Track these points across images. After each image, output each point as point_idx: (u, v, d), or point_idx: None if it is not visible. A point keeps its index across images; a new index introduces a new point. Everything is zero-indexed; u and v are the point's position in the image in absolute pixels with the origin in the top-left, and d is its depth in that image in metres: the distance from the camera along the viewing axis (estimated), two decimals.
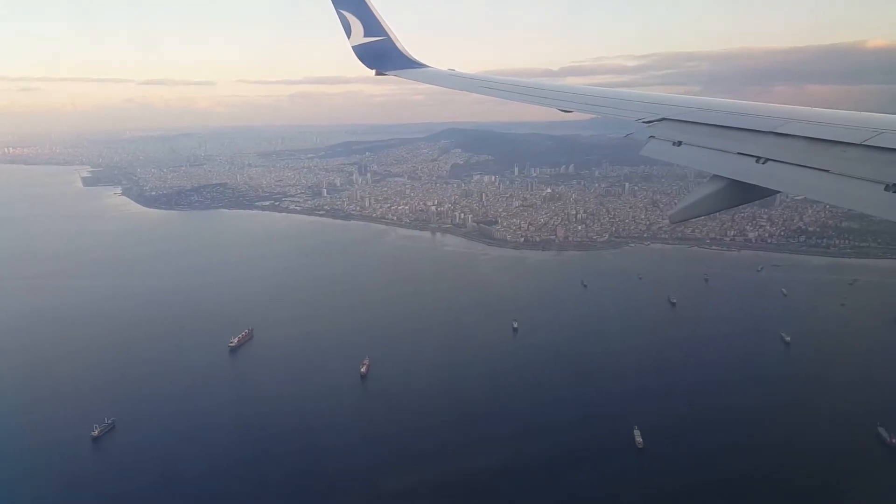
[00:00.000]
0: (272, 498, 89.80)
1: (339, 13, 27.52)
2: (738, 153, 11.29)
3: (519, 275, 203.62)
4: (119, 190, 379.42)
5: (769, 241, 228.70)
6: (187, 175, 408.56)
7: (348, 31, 27.66)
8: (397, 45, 27.70)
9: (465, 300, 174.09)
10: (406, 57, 27.75)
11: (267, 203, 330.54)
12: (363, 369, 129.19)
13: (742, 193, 10.98)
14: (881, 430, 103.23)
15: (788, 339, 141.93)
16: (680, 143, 12.80)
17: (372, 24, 27.34)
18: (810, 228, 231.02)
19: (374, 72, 27.65)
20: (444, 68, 27.88)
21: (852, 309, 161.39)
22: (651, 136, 13.61)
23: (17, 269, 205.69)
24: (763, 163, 10.56)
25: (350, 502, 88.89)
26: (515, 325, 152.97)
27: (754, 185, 10.51)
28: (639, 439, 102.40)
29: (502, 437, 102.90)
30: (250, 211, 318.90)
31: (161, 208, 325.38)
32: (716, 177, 11.25)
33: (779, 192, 10.65)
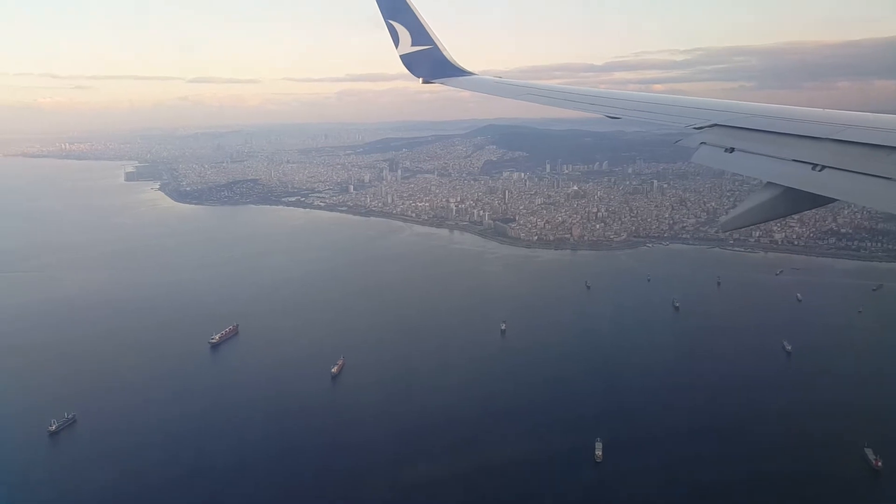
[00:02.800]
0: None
1: (387, 23, 27.98)
2: (794, 160, 11.02)
3: (522, 275, 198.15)
4: (157, 185, 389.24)
5: (796, 242, 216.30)
6: (226, 171, 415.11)
7: (396, 41, 28.11)
8: (444, 53, 28.12)
9: (458, 301, 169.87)
10: (452, 65, 28.25)
11: (293, 199, 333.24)
12: (335, 370, 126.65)
13: (798, 201, 10.78)
14: (868, 451, 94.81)
15: (790, 348, 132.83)
16: (732, 150, 12.63)
17: (419, 33, 27.78)
18: (843, 230, 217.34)
19: (420, 80, 28.43)
20: (486, 71, 28.89)
21: (870, 316, 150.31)
22: (702, 143, 13.49)
23: (26, 261, 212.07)
24: (820, 170, 10.25)
25: None
26: (503, 327, 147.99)
27: (811, 194, 10.17)
28: (599, 452, 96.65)
29: (448, 447, 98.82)
30: (276, 206, 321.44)
31: (191, 203, 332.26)
32: (770, 184, 11.12)
33: (836, 200, 10.26)
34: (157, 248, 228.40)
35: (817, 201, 10.46)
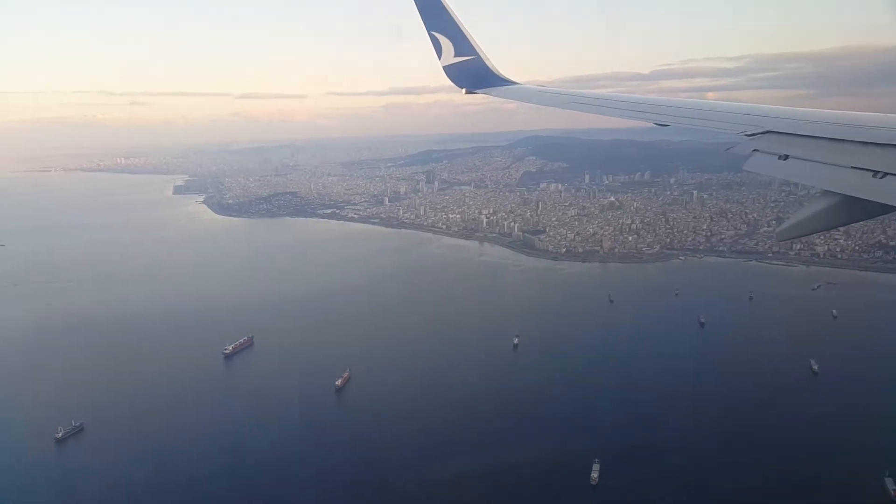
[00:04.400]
0: None
1: (430, 34, 27.88)
2: (852, 167, 10.59)
3: (544, 288, 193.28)
4: (202, 198, 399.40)
5: (839, 256, 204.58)
6: (268, 184, 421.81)
7: (439, 52, 28.04)
8: (487, 63, 28.12)
9: (472, 315, 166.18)
10: (495, 74, 28.23)
11: (328, 211, 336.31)
12: (339, 383, 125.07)
13: (857, 210, 10.37)
14: (888, 480, 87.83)
15: (817, 367, 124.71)
16: (786, 157, 12.24)
17: (462, 44, 27.73)
18: (892, 243, 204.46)
19: (463, 91, 28.31)
20: (530, 81, 28.80)
21: None
22: (755, 150, 13.15)
23: (61, 273, 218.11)
24: (881, 177, 9.83)
25: None
26: (516, 342, 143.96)
27: (871, 202, 9.74)
28: (594, 475, 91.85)
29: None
30: (311, 219, 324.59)
31: (231, 216, 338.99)
32: (827, 192, 10.71)
33: None
34: (189, 261, 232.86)
35: (878, 210, 9.97)
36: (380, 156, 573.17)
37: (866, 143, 11.13)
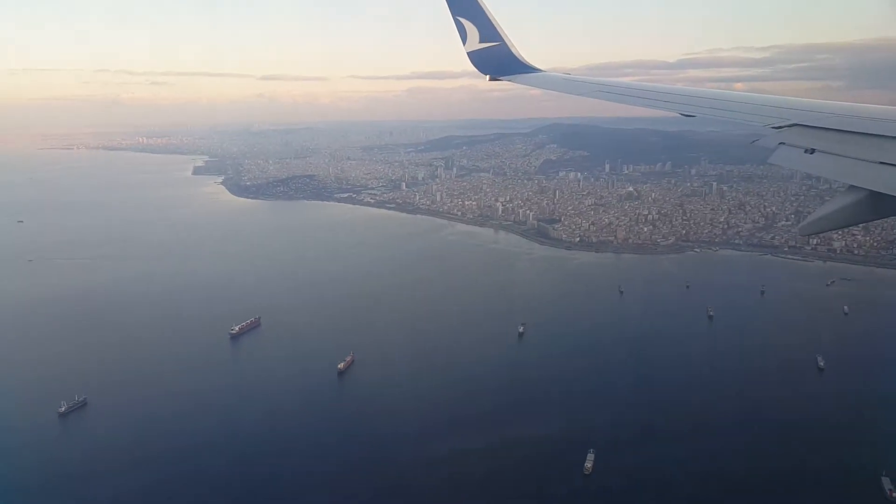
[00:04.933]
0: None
1: (455, 19, 27.73)
2: (880, 162, 10.49)
3: (554, 277, 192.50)
4: (220, 179, 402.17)
5: (856, 252, 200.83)
6: (287, 166, 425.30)
7: (464, 37, 27.81)
8: (512, 49, 27.76)
9: (482, 303, 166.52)
10: (521, 62, 27.83)
11: (345, 195, 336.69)
12: (341, 366, 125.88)
13: (884, 206, 10.16)
14: (884, 479, 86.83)
15: (823, 363, 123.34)
16: (813, 151, 12.15)
17: (487, 30, 27.47)
18: None
19: (487, 77, 28.11)
20: (555, 68, 28.68)
21: None
22: (781, 143, 13.11)
23: (76, 249, 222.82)
24: None
25: None
26: (521, 330, 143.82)
27: None
28: (588, 465, 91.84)
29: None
30: (327, 202, 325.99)
31: (248, 197, 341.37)
32: (853, 187, 10.56)
33: None
34: (202, 242, 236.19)
35: None
36: (401, 140, 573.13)
37: (895, 138, 11.00)
